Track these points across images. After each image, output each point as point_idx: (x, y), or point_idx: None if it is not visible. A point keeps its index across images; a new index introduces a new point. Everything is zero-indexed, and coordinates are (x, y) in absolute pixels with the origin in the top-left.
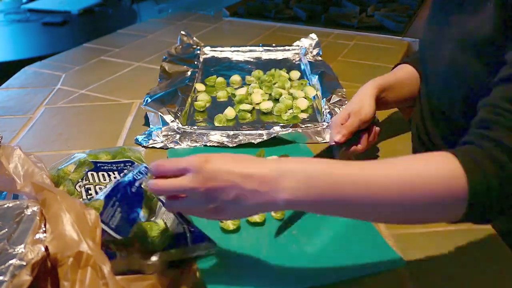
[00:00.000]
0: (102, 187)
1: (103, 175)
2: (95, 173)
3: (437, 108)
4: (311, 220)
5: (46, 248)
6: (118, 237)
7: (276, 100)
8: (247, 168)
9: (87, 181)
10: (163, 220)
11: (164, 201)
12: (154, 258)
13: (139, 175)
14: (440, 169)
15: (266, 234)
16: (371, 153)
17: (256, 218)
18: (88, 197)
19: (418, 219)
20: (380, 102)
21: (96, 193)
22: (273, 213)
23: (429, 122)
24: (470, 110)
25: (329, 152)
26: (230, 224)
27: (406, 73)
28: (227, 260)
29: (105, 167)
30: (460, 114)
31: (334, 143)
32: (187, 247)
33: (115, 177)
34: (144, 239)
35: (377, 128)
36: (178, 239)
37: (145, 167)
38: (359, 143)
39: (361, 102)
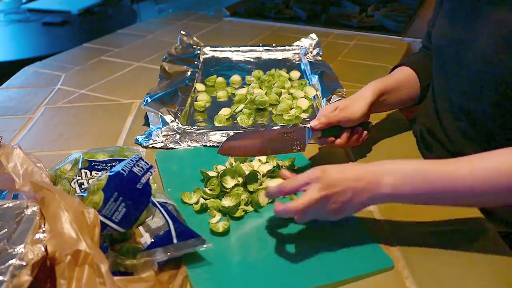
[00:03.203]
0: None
1: (96, 174)
2: (88, 171)
3: (460, 106)
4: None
5: (45, 247)
6: (121, 230)
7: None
8: (356, 172)
9: (80, 177)
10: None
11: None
12: (139, 257)
13: (141, 171)
14: None
15: (256, 238)
16: (369, 151)
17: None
18: (82, 191)
19: (506, 203)
20: (380, 105)
21: None
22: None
23: (447, 119)
24: (502, 112)
25: (302, 132)
26: (220, 227)
27: (405, 75)
28: (216, 262)
29: (99, 167)
30: (489, 115)
31: (310, 127)
32: (173, 245)
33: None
34: None
35: (365, 132)
36: (164, 237)
37: (145, 161)
38: (339, 138)
39: (353, 101)
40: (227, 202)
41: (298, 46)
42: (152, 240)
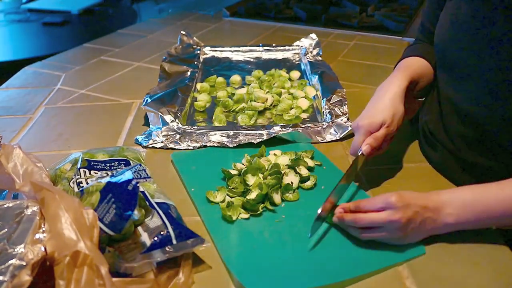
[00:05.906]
0: (94, 178)
1: (95, 173)
2: (87, 171)
3: (467, 114)
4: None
5: (44, 248)
6: (111, 233)
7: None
8: (423, 201)
9: (79, 176)
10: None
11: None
12: (138, 260)
13: (138, 175)
14: None
15: (289, 233)
16: None
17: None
18: (80, 189)
19: None
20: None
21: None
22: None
23: (452, 124)
24: None
25: (359, 162)
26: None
27: (424, 67)
28: (256, 255)
29: (98, 166)
30: (499, 128)
31: (360, 152)
32: (172, 245)
33: (106, 174)
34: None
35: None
36: (163, 238)
37: (144, 170)
38: (381, 149)
39: (395, 111)
40: (252, 195)
41: (298, 46)
42: (152, 242)
